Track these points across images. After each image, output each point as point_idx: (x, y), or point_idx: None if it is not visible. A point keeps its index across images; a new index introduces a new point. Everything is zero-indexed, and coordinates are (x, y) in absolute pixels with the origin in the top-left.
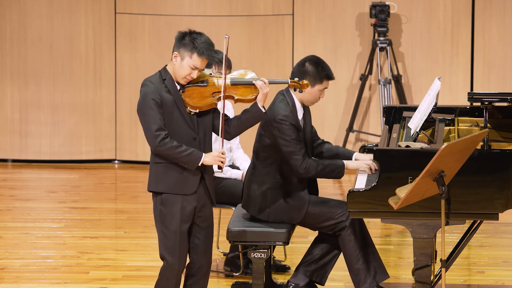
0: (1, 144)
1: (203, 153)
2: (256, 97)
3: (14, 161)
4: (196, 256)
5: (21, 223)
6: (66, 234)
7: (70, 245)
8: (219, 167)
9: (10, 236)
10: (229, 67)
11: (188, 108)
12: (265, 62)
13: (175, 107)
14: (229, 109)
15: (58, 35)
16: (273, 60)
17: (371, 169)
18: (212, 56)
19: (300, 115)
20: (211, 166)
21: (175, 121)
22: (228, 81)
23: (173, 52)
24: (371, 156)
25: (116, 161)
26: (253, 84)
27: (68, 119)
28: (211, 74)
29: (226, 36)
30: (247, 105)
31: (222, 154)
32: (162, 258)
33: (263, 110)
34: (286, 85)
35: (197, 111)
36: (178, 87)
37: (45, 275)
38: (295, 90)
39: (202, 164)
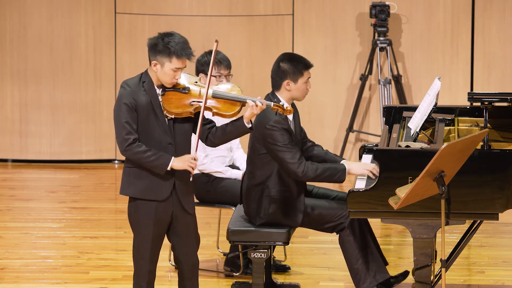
0: (1, 144)
1: (173, 157)
2: (235, 114)
3: (14, 161)
4: (179, 251)
5: (21, 223)
6: (66, 234)
7: (70, 245)
8: (189, 172)
9: (10, 236)
10: (228, 67)
11: (165, 112)
12: (265, 62)
13: (151, 111)
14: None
15: (58, 35)
16: (273, 60)
17: (373, 174)
18: (191, 53)
19: (290, 116)
20: (185, 171)
21: (151, 125)
22: (210, 92)
23: (150, 60)
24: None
25: (116, 161)
26: (237, 101)
27: (68, 119)
28: (196, 82)
29: (216, 41)
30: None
31: (194, 159)
32: (133, 261)
33: (248, 126)
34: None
35: (173, 117)
36: (158, 91)
37: (45, 275)
38: (276, 114)
39: (172, 168)
